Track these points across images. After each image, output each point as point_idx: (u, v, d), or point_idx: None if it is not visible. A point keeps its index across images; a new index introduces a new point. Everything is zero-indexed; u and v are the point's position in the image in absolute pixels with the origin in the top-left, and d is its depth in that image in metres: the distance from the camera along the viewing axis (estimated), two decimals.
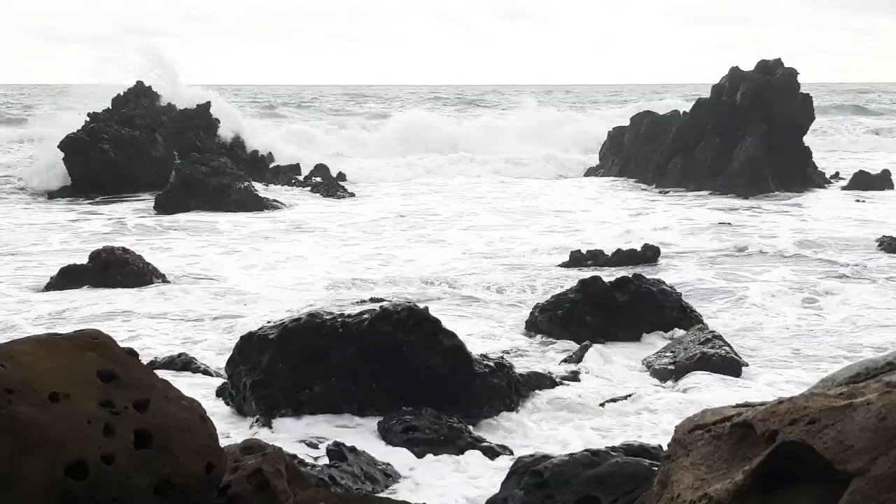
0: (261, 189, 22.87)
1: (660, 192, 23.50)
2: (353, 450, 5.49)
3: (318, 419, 6.44)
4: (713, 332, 8.40)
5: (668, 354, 8.10)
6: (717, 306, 10.84)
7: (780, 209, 20.73)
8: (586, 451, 4.75)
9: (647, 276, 9.59)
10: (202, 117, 28.58)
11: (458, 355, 6.66)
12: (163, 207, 20.81)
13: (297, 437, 6.11)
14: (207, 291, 12.18)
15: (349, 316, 6.69)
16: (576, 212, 20.22)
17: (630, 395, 7.03)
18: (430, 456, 5.91)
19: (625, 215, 19.73)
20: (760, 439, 2.60)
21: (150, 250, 14.78)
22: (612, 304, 8.96)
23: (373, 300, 9.42)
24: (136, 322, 10.52)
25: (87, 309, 11.15)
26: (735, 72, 25.16)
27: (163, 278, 12.50)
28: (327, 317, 6.70)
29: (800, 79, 24.82)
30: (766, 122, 23.97)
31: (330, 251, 15.43)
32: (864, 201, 21.40)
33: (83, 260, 12.43)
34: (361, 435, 6.22)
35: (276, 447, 3.85)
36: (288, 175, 26.76)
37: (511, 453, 5.93)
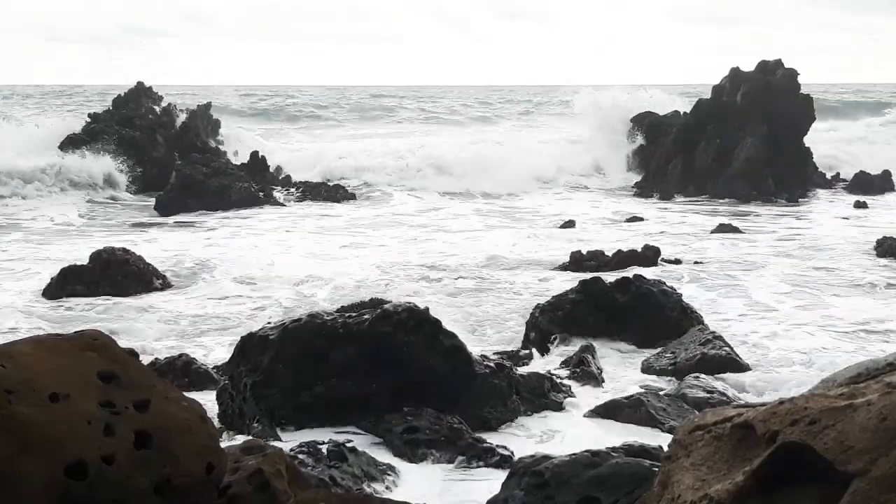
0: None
1: (660, 199, 23.41)
2: (353, 450, 5.48)
3: (319, 419, 6.44)
4: (714, 332, 8.39)
5: (668, 355, 8.09)
6: (717, 307, 10.85)
7: (779, 211, 20.74)
8: (587, 451, 4.74)
9: (648, 277, 9.58)
10: (203, 118, 28.62)
11: (458, 356, 6.66)
12: (163, 208, 20.83)
13: (297, 437, 6.11)
14: (208, 292, 12.19)
15: (350, 316, 6.68)
16: (576, 216, 20.23)
17: (630, 396, 7.02)
18: (430, 456, 5.91)
19: (623, 221, 19.73)
20: (761, 440, 2.60)
21: (151, 250, 14.77)
22: (612, 304, 8.95)
23: (373, 301, 9.41)
24: (136, 322, 10.52)
25: (87, 309, 11.15)
26: (735, 72, 25.16)
27: (163, 279, 12.50)
28: (328, 317, 6.69)
29: (800, 79, 24.83)
30: (766, 122, 23.97)
31: (331, 250, 15.43)
32: (864, 203, 21.41)
33: (83, 260, 12.43)
34: (362, 435, 6.22)
35: (276, 447, 3.86)
36: (289, 176, 26.79)
37: (511, 454, 5.92)
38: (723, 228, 17.27)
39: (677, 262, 13.86)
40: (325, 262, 14.38)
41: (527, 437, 6.49)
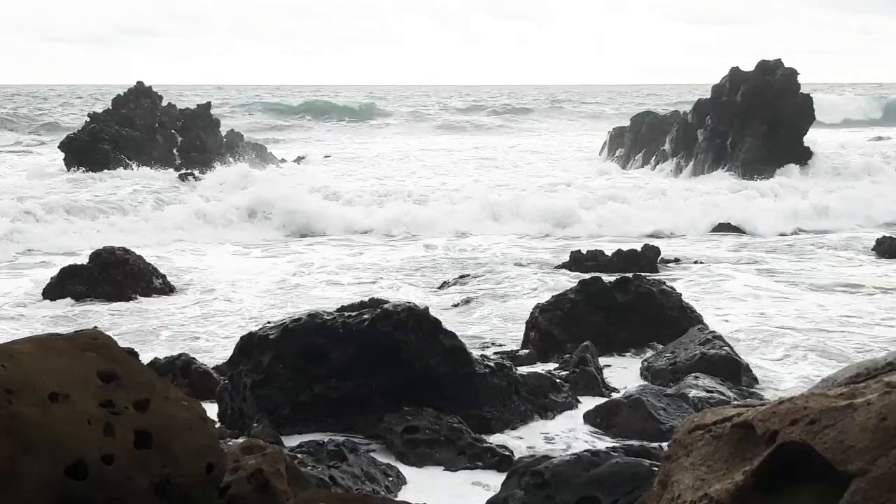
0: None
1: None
2: (353, 450, 5.48)
3: (319, 419, 6.44)
4: (713, 332, 8.38)
5: (668, 355, 8.08)
6: (716, 306, 10.85)
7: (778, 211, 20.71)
8: (587, 451, 4.75)
9: (648, 276, 9.58)
10: (203, 117, 28.61)
11: (458, 355, 6.65)
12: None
13: (297, 437, 6.11)
14: (208, 291, 12.18)
15: (349, 316, 6.68)
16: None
17: (630, 396, 7.02)
18: (430, 456, 5.91)
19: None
20: (761, 440, 2.60)
21: (150, 251, 14.76)
22: (612, 304, 8.94)
23: (372, 301, 9.41)
24: (135, 322, 10.52)
25: (87, 309, 11.15)
26: (735, 72, 25.17)
27: (163, 278, 12.50)
28: (328, 317, 6.69)
29: (800, 79, 24.83)
30: (766, 122, 23.98)
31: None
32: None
33: (83, 260, 12.42)
34: (361, 435, 6.22)
35: (276, 447, 3.86)
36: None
37: (511, 453, 5.92)
38: (722, 228, 17.29)
39: (677, 261, 13.86)
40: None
41: (526, 437, 6.49)
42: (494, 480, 5.36)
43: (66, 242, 16.06)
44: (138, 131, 26.32)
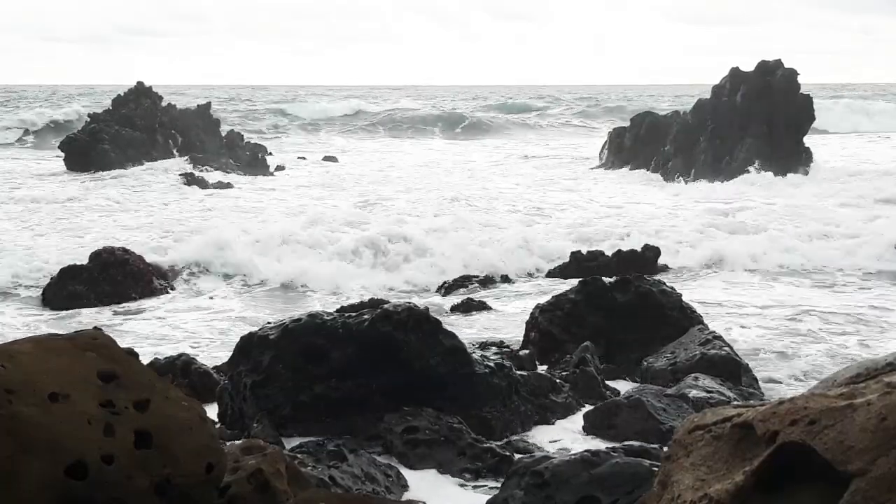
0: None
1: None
2: (353, 450, 5.48)
3: (319, 419, 6.44)
4: (713, 332, 8.37)
5: (668, 355, 8.08)
6: (717, 306, 10.84)
7: (779, 212, 20.71)
8: (586, 451, 4.75)
9: (647, 277, 9.57)
10: (203, 117, 28.62)
11: (458, 356, 6.65)
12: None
13: (297, 437, 6.11)
14: (207, 291, 12.18)
15: (349, 316, 6.68)
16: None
17: (630, 396, 7.02)
18: (429, 456, 5.91)
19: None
20: (761, 440, 2.60)
21: (151, 251, 14.76)
22: (612, 304, 8.94)
23: (372, 301, 9.42)
24: (134, 322, 10.52)
25: (87, 309, 11.14)
26: (735, 72, 25.17)
27: (164, 278, 12.50)
28: (328, 317, 6.69)
29: (800, 79, 24.84)
30: (766, 122, 23.98)
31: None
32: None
33: (83, 260, 12.42)
34: (361, 435, 6.22)
35: (276, 447, 3.86)
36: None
37: (511, 454, 5.92)
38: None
39: (678, 261, 13.86)
40: None
41: (526, 437, 6.49)
42: (494, 480, 5.36)
43: None
44: (138, 131, 26.34)
